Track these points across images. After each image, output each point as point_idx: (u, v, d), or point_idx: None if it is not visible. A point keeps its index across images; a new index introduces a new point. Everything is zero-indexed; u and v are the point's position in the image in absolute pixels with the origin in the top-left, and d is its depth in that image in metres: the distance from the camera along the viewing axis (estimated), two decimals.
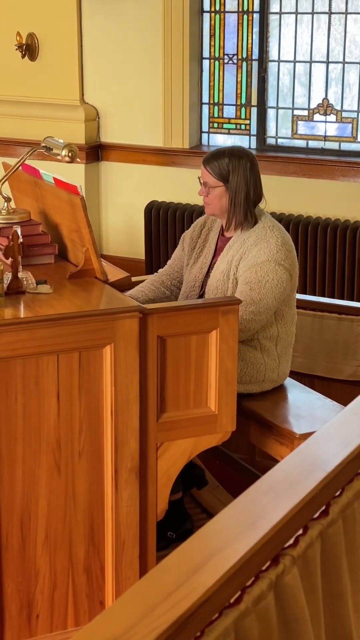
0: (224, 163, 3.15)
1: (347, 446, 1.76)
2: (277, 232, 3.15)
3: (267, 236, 3.13)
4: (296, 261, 3.19)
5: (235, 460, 3.73)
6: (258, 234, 3.15)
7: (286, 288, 3.12)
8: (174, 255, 3.48)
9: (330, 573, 1.69)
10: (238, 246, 3.17)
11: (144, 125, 6.07)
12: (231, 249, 3.19)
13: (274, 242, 3.11)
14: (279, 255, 3.10)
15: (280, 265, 3.09)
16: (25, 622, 2.65)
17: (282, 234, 3.16)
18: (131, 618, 1.25)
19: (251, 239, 3.15)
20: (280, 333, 3.22)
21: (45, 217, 3.13)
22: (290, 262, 3.13)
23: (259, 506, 1.55)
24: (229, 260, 3.17)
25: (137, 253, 6.19)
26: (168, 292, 3.44)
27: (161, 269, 3.52)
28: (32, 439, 2.54)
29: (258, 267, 3.08)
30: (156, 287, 3.43)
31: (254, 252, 3.11)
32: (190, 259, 3.36)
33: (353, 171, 5.51)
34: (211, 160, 3.18)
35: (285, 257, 3.11)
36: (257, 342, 3.19)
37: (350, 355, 3.68)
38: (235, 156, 3.16)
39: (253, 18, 5.77)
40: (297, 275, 3.21)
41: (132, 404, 2.62)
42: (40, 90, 6.20)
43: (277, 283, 3.08)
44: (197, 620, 1.31)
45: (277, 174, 5.57)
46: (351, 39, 5.52)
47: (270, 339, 3.20)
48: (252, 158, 3.20)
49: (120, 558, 2.70)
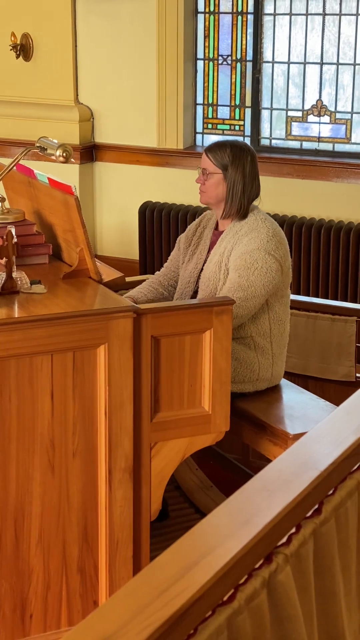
0: (226, 152, 3.20)
1: (339, 445, 1.77)
2: (269, 223, 3.18)
3: (259, 226, 3.16)
4: (288, 255, 3.20)
5: (228, 461, 3.74)
6: (250, 225, 3.18)
7: (275, 277, 3.13)
8: (171, 256, 3.51)
9: (323, 571, 1.70)
10: (230, 237, 3.20)
11: (138, 125, 6.08)
12: (224, 240, 3.22)
13: (265, 232, 3.14)
14: (269, 245, 3.12)
15: (270, 254, 3.11)
16: (19, 621, 2.65)
17: (274, 227, 3.19)
18: (124, 616, 1.26)
19: (243, 230, 3.18)
20: (273, 329, 3.22)
21: (40, 217, 3.13)
22: (281, 254, 3.15)
23: (252, 505, 1.55)
24: (222, 251, 3.20)
25: (131, 253, 6.20)
26: (166, 292, 3.46)
27: (158, 271, 3.55)
28: (25, 439, 2.55)
29: (247, 255, 3.11)
30: (154, 287, 3.45)
31: (245, 241, 3.14)
32: (185, 256, 3.39)
33: (347, 172, 5.52)
34: (213, 148, 3.23)
35: (275, 247, 3.13)
36: (251, 339, 3.20)
37: (344, 356, 3.69)
38: (237, 148, 3.21)
39: (247, 19, 5.78)
40: (289, 269, 3.21)
41: (126, 404, 2.62)
42: (35, 91, 6.20)
43: (266, 271, 3.10)
44: (190, 618, 1.31)
45: (271, 174, 5.58)
46: (345, 40, 5.54)
47: (263, 336, 3.21)
48: (253, 154, 3.25)
49: (113, 558, 2.70)
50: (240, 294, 3.08)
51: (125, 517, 2.69)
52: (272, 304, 3.21)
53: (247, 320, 3.18)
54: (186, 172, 5.85)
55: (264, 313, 3.20)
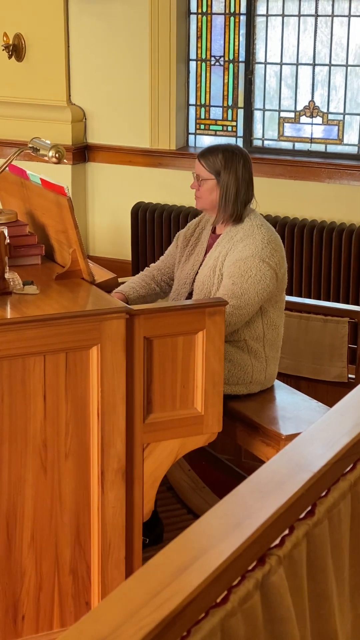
0: (217, 158, 3.19)
1: (332, 447, 1.77)
2: (264, 230, 3.17)
3: (254, 233, 3.15)
4: (284, 262, 3.19)
5: (221, 461, 3.74)
6: (245, 231, 3.17)
7: (269, 285, 3.13)
8: (168, 251, 3.50)
9: (316, 573, 1.70)
10: (225, 242, 3.20)
11: (131, 126, 6.08)
12: (219, 245, 3.22)
13: (260, 239, 3.13)
14: (264, 252, 3.11)
15: (265, 262, 3.10)
16: (11, 623, 2.65)
17: (270, 233, 3.18)
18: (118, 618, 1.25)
19: (238, 235, 3.17)
20: (266, 334, 3.22)
21: (32, 218, 3.13)
22: (276, 261, 3.14)
23: (245, 506, 1.55)
24: (216, 256, 3.20)
25: (124, 254, 6.19)
26: (158, 287, 3.45)
27: (153, 263, 3.54)
28: (18, 440, 2.54)
29: (242, 262, 3.10)
30: (147, 282, 3.44)
31: (240, 247, 3.14)
32: (182, 256, 3.38)
33: (339, 173, 5.52)
34: (206, 154, 3.23)
35: (270, 254, 3.12)
36: (244, 343, 3.20)
37: (336, 357, 3.69)
38: (229, 152, 3.20)
39: (240, 20, 5.78)
40: (284, 275, 3.21)
41: (118, 405, 2.62)
42: (27, 91, 6.20)
43: (259, 279, 3.09)
44: (183, 620, 1.31)
45: (264, 175, 5.58)
46: (337, 41, 5.54)
47: (257, 340, 3.21)
48: (246, 157, 3.23)
49: (106, 559, 2.70)
50: (234, 301, 3.07)
51: (117, 518, 2.69)
52: (266, 309, 3.20)
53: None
54: (179, 173, 5.85)
55: (258, 318, 3.20)
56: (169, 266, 3.47)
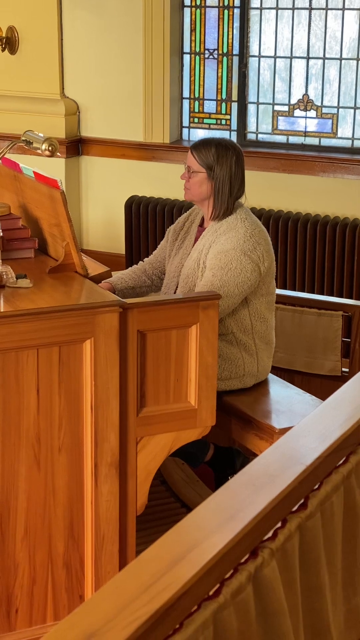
0: (210, 152, 3.17)
1: (325, 440, 1.77)
2: (248, 223, 3.16)
3: (237, 226, 3.15)
4: (268, 255, 3.17)
5: None
6: (229, 224, 3.17)
7: (250, 278, 3.12)
8: (160, 246, 3.51)
9: (308, 566, 1.70)
10: (210, 235, 3.20)
11: (125, 119, 6.06)
12: (204, 237, 3.22)
13: (243, 232, 3.13)
14: (246, 245, 3.11)
15: (246, 255, 3.10)
16: (4, 616, 2.65)
17: (254, 227, 3.16)
18: (110, 610, 1.25)
19: (222, 228, 3.17)
20: (255, 326, 3.22)
21: (25, 211, 3.12)
22: (258, 254, 3.13)
23: (238, 499, 1.55)
24: (200, 248, 3.20)
25: (118, 248, 6.19)
26: (149, 281, 3.46)
27: (146, 258, 3.54)
28: (11, 434, 2.54)
29: (223, 255, 3.10)
30: (138, 275, 3.44)
31: (222, 240, 3.14)
32: (172, 250, 3.39)
33: (333, 167, 5.52)
34: (199, 147, 3.21)
35: (252, 248, 3.12)
36: (233, 336, 3.20)
37: (330, 350, 3.69)
38: (222, 147, 3.19)
39: (234, 13, 5.77)
40: (270, 269, 3.19)
41: (112, 398, 2.62)
42: (21, 84, 6.18)
43: (240, 272, 3.09)
44: (176, 613, 1.31)
45: (257, 169, 5.58)
46: (331, 34, 5.54)
47: (245, 332, 3.21)
48: (239, 152, 3.22)
49: (99, 552, 2.70)
50: None
51: (111, 511, 2.69)
52: (250, 300, 3.20)
53: (228, 316, 3.18)
54: (172, 167, 5.84)
55: (243, 309, 3.20)
56: (160, 260, 3.47)
